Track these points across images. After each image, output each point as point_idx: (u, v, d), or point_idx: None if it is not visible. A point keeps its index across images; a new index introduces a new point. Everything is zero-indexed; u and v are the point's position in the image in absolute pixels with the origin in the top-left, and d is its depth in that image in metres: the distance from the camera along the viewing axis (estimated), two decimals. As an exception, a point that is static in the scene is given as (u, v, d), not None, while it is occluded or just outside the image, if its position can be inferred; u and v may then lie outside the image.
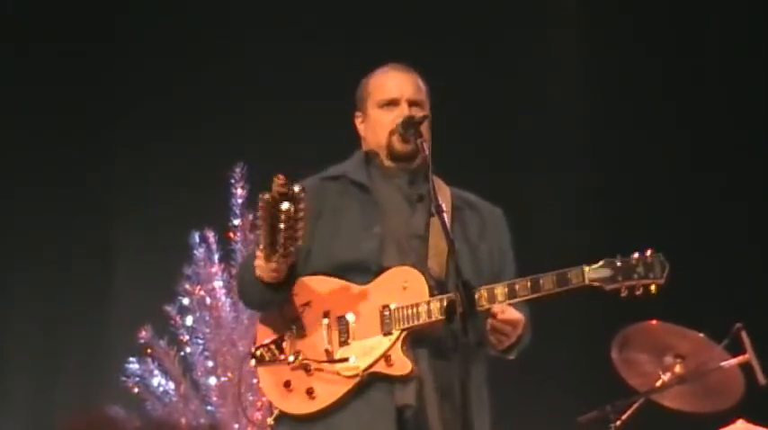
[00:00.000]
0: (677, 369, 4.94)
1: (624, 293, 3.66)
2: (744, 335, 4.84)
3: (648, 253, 3.69)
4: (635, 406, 4.90)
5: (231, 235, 7.34)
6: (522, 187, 7.06)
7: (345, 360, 3.63)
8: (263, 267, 3.61)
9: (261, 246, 3.53)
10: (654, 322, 4.98)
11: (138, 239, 7.52)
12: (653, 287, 3.67)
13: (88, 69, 7.60)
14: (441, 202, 3.60)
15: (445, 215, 3.61)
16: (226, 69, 7.58)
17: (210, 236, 7.31)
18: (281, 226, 3.45)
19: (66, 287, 7.52)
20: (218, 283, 7.28)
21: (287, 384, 3.66)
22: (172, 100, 7.54)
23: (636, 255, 3.69)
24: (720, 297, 6.77)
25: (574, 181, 7.35)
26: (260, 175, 7.13)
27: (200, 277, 7.30)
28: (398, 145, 3.82)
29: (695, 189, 7.14)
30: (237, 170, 7.34)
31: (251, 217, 7.26)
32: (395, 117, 3.83)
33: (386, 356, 3.62)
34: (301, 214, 3.45)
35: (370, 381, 3.62)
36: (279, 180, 3.45)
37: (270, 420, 3.70)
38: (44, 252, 7.52)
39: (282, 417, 3.70)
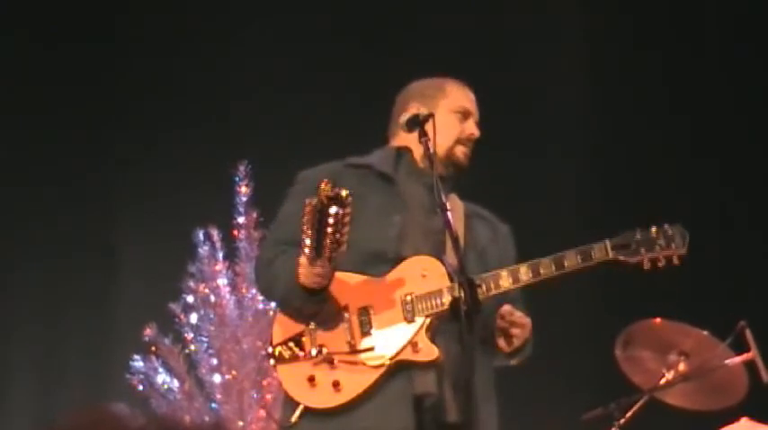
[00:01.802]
0: (681, 367, 4.94)
1: (647, 266, 3.68)
2: (748, 332, 4.84)
3: (666, 225, 3.72)
4: (639, 403, 4.90)
5: (235, 233, 7.34)
6: (521, 186, 7.07)
7: (370, 349, 3.62)
8: (306, 273, 3.58)
9: (305, 252, 3.51)
10: (658, 320, 4.98)
11: (143, 237, 7.52)
12: (675, 258, 3.69)
13: (90, 67, 7.60)
14: (446, 202, 3.61)
15: (451, 214, 3.62)
16: (229, 67, 7.58)
17: (215, 233, 7.32)
18: (329, 230, 3.45)
19: (71, 285, 7.52)
20: (222, 281, 7.28)
21: (311, 379, 3.64)
22: (175, 98, 7.54)
23: (655, 227, 3.71)
24: (724, 295, 6.77)
25: (574, 180, 7.35)
26: (264, 173, 7.15)
27: (204, 275, 7.30)
28: (461, 156, 3.86)
29: (700, 187, 7.14)
30: (241, 168, 7.34)
31: (255, 214, 7.28)
32: (464, 128, 3.89)
33: (412, 343, 3.62)
34: (347, 218, 3.46)
35: (393, 370, 3.62)
36: (326, 185, 3.44)
37: (293, 418, 3.66)
38: (48, 250, 7.52)
39: (305, 414, 3.68)
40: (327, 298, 3.66)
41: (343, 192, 3.44)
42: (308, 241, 3.48)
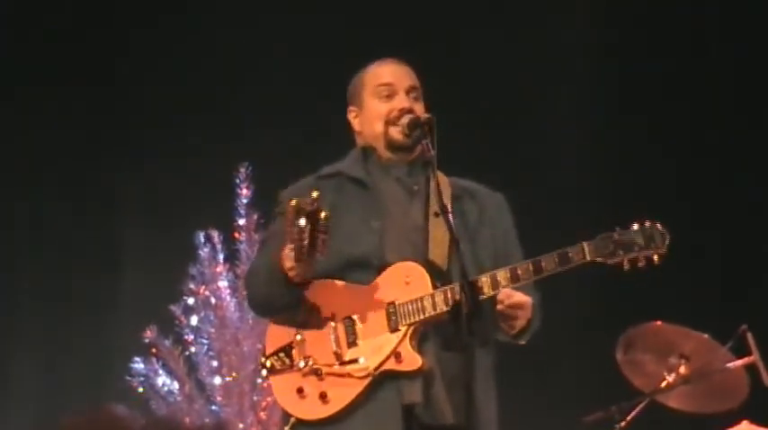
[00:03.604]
0: (682, 370, 4.93)
1: (627, 267, 3.65)
2: (749, 336, 4.84)
3: (647, 223, 3.68)
4: (639, 406, 4.90)
5: (236, 235, 7.34)
6: (524, 185, 7.07)
7: (355, 361, 3.62)
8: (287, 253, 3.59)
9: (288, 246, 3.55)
10: (659, 323, 4.97)
11: (144, 239, 7.52)
12: (655, 257, 3.66)
13: (92, 69, 7.59)
14: (444, 203, 3.60)
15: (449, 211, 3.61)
16: (230, 70, 7.58)
17: (215, 236, 7.32)
18: (296, 238, 3.48)
19: (72, 287, 7.52)
20: (222, 283, 7.28)
21: (300, 391, 3.64)
22: (177, 101, 7.54)
23: (635, 226, 3.68)
24: (726, 298, 6.77)
25: (574, 180, 7.35)
26: (264, 176, 7.15)
27: (204, 277, 7.30)
28: (397, 135, 3.80)
29: (700, 190, 7.13)
30: (242, 170, 7.34)
31: (256, 216, 7.28)
32: (392, 107, 3.82)
33: (395, 353, 3.60)
34: (320, 237, 3.46)
35: (380, 380, 3.61)
36: (291, 203, 3.47)
37: (286, 428, 3.68)
38: (49, 252, 7.52)
39: (297, 424, 3.68)
40: (309, 301, 3.66)
41: (323, 214, 3.46)
42: (288, 238, 3.52)
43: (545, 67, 7.46)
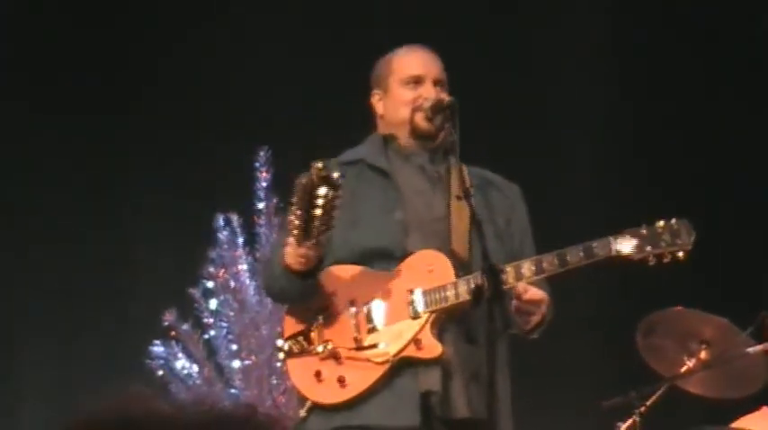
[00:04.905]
0: (702, 355, 4.92)
1: (652, 262, 3.65)
2: (769, 322, 4.82)
3: (673, 220, 3.68)
4: (659, 391, 4.89)
5: (255, 218, 7.35)
6: (538, 177, 7.06)
7: (375, 346, 3.62)
8: (292, 253, 3.58)
9: (293, 232, 3.50)
10: (679, 308, 4.96)
11: (163, 222, 7.52)
12: (681, 254, 3.66)
13: (113, 47, 7.58)
14: (468, 186, 3.60)
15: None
16: (250, 52, 7.57)
17: (235, 219, 7.33)
18: (317, 211, 3.44)
19: (90, 270, 7.53)
20: (242, 267, 7.28)
21: (317, 374, 3.64)
22: (197, 83, 7.54)
23: (661, 222, 3.68)
24: (746, 283, 6.74)
25: (592, 171, 7.33)
26: (284, 159, 7.15)
27: (224, 260, 7.31)
28: (422, 122, 3.80)
29: (718, 175, 7.11)
30: (262, 154, 7.34)
31: (275, 200, 7.28)
32: (419, 94, 3.82)
33: (415, 340, 3.61)
34: (338, 201, 3.44)
35: (399, 367, 3.61)
36: (317, 165, 3.44)
37: (302, 412, 3.68)
38: (68, 235, 7.53)
39: (313, 408, 3.68)
40: (319, 285, 3.66)
41: (335, 174, 3.43)
42: (296, 221, 3.47)
43: (551, 61, 7.44)
